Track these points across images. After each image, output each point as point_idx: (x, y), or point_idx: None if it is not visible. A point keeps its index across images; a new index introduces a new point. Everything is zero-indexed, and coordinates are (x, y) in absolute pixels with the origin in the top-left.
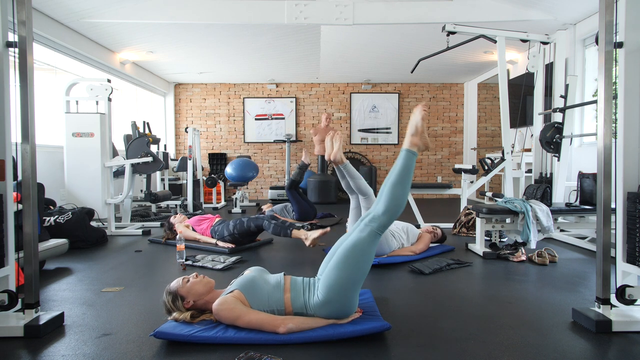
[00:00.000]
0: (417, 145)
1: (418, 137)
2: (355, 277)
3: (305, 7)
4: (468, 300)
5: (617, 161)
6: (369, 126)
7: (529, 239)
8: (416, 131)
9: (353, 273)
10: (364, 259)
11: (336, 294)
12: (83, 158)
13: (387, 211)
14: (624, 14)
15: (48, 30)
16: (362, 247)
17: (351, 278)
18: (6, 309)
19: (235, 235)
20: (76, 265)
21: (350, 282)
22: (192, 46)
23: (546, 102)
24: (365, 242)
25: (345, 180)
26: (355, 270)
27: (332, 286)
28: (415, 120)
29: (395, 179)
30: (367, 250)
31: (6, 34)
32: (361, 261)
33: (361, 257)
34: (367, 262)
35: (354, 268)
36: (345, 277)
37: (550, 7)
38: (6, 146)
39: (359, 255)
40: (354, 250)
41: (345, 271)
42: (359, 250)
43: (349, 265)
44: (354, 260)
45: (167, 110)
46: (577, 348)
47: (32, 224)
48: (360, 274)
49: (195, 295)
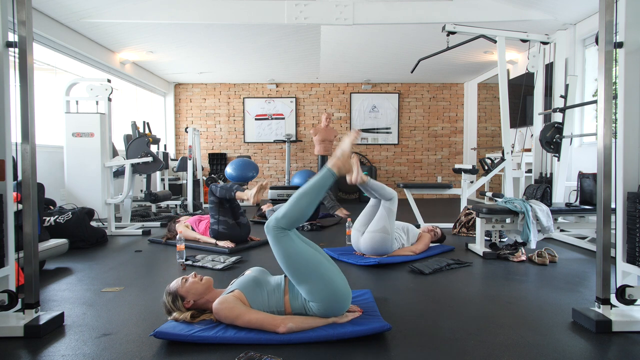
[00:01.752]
0: (338, 167)
1: (341, 162)
2: (320, 273)
3: (305, 7)
4: (468, 300)
5: (617, 161)
6: (369, 126)
7: (529, 239)
8: (342, 155)
9: (315, 273)
10: (301, 256)
11: (320, 296)
12: (83, 158)
13: (285, 215)
14: (624, 14)
15: (48, 30)
16: (289, 251)
17: (318, 277)
18: (6, 309)
19: (220, 219)
20: (76, 265)
21: (322, 281)
22: (192, 46)
23: (546, 102)
24: (285, 244)
25: (370, 192)
26: (314, 269)
27: (311, 293)
28: (344, 146)
29: (305, 189)
30: (292, 246)
31: (6, 34)
32: (308, 259)
33: (303, 257)
34: (307, 255)
35: (311, 268)
36: (314, 281)
37: (550, 7)
38: (6, 146)
39: (295, 256)
40: (290, 258)
41: (308, 278)
42: (291, 254)
43: (304, 271)
44: (302, 264)
45: (167, 110)
46: (577, 348)
47: (32, 224)
48: (321, 267)
49: (195, 295)
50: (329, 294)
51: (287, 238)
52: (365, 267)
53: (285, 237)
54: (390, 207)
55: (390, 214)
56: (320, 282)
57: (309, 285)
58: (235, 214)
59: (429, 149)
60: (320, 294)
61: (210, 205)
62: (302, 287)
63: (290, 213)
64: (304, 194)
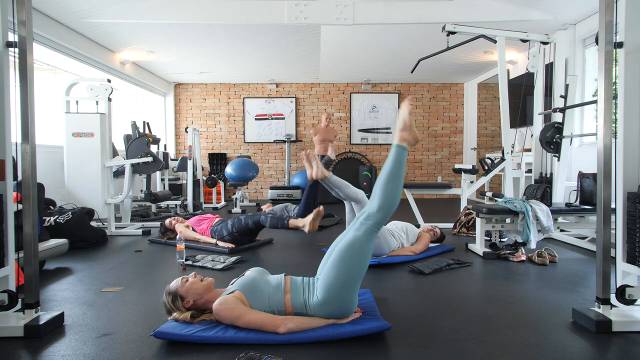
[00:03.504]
0: (406, 139)
1: (407, 132)
2: (353, 276)
3: (305, 7)
4: (468, 300)
5: (617, 161)
6: (369, 126)
7: (529, 239)
8: (404, 126)
9: (351, 272)
10: (361, 257)
11: (335, 293)
12: (83, 158)
13: (381, 208)
14: (624, 14)
15: (48, 30)
16: (359, 246)
17: (349, 277)
18: (6, 309)
19: (234, 234)
20: (76, 265)
21: (349, 281)
22: (192, 46)
23: (546, 102)
24: (362, 240)
25: (334, 191)
26: (353, 269)
27: (330, 286)
28: (403, 115)
29: (387, 175)
30: (364, 248)
31: (6, 34)
32: (358, 260)
33: (358, 256)
34: (364, 260)
35: (352, 267)
36: (343, 277)
37: (550, 7)
38: (6, 146)
39: (356, 253)
40: (351, 249)
41: (342, 270)
42: (356, 249)
43: (347, 264)
44: (351, 259)
45: (167, 110)
46: (577, 348)
47: (32, 224)
48: (358, 272)
49: (194, 295)
50: (342, 294)
51: (374, 236)
52: None
53: (373, 237)
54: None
55: None
56: (346, 280)
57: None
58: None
59: (429, 149)
60: (336, 290)
61: (242, 224)
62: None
63: (385, 203)
64: (388, 181)
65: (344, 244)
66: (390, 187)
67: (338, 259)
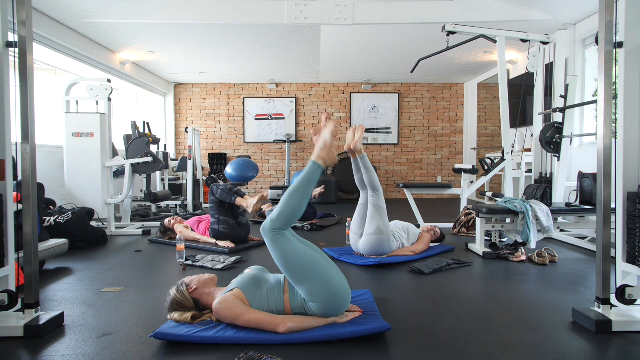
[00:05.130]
0: (323, 159)
1: (326, 152)
2: (318, 273)
3: (305, 7)
4: (468, 300)
5: (617, 161)
6: (369, 126)
7: (529, 239)
8: (325, 146)
9: (312, 272)
10: (298, 256)
11: (319, 296)
12: (83, 158)
13: (279, 216)
14: (624, 14)
15: (48, 30)
16: (286, 251)
17: (316, 277)
18: (6, 309)
19: (220, 219)
20: (76, 265)
21: (320, 281)
22: (192, 46)
23: (546, 102)
24: (282, 245)
25: (359, 173)
26: (311, 269)
27: (310, 294)
28: (325, 136)
29: (295, 187)
30: (286, 248)
31: (6, 34)
32: (305, 259)
33: (300, 257)
34: (309, 255)
35: (308, 269)
36: (312, 281)
37: (550, 7)
38: (6, 146)
39: (292, 256)
40: (287, 259)
41: (306, 278)
42: (289, 255)
43: (302, 271)
44: (300, 264)
45: (167, 110)
46: (577, 348)
47: (32, 224)
48: (318, 267)
49: (199, 282)
50: (327, 294)
51: (284, 239)
52: (365, 267)
53: (281, 237)
54: (377, 203)
55: (380, 210)
56: (318, 282)
57: (307, 285)
58: (235, 214)
59: (429, 149)
60: (319, 294)
61: (210, 204)
62: (301, 287)
63: (283, 213)
64: (294, 192)
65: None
66: (295, 200)
67: (292, 275)
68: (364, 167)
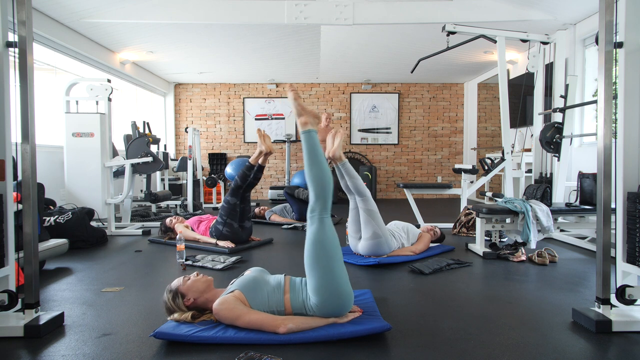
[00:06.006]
0: (307, 122)
1: (304, 116)
2: (333, 269)
3: (305, 7)
4: (468, 300)
5: (617, 161)
6: (369, 126)
7: (529, 239)
8: (298, 111)
9: (328, 266)
10: (328, 248)
11: (325, 292)
12: (83, 158)
13: (317, 195)
14: (624, 14)
15: (48, 30)
16: (318, 238)
17: (329, 272)
18: (6, 309)
19: (227, 222)
20: (76, 265)
21: (331, 276)
22: (192, 46)
23: (546, 102)
24: (319, 231)
25: (343, 180)
26: (328, 262)
27: (317, 288)
28: (292, 104)
29: (307, 163)
30: (324, 237)
31: (6, 34)
32: (328, 252)
33: (325, 248)
34: (333, 249)
35: (326, 261)
36: (324, 274)
37: (550, 7)
38: (6, 146)
39: (322, 247)
40: (315, 246)
41: (319, 269)
42: (319, 243)
43: (319, 261)
44: (321, 254)
45: (167, 110)
46: (577, 348)
47: (32, 224)
48: (335, 263)
49: (195, 293)
50: (334, 291)
51: (329, 221)
52: (365, 267)
53: (327, 219)
54: (368, 208)
55: (372, 214)
56: (330, 276)
57: (319, 277)
58: (243, 218)
59: (429, 149)
60: (326, 290)
61: (223, 204)
62: (312, 277)
63: (317, 190)
64: (309, 167)
65: (308, 245)
66: (315, 172)
67: (310, 261)
68: (346, 174)
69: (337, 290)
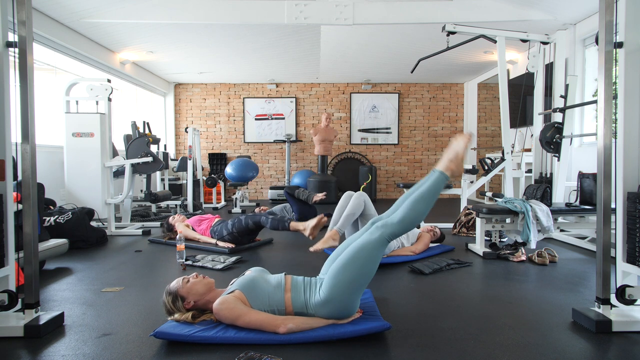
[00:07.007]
0: (451, 170)
1: (455, 164)
2: (360, 278)
3: (305, 7)
4: (468, 300)
5: (617, 161)
6: (369, 126)
7: (529, 239)
8: (455, 158)
9: (358, 274)
10: (370, 261)
11: (339, 293)
12: (83, 158)
13: (402, 221)
14: (624, 14)
15: (48, 30)
16: (369, 250)
17: (356, 279)
18: (6, 309)
19: (234, 234)
20: (76, 265)
21: (355, 283)
22: (192, 46)
23: (546, 102)
24: (374, 245)
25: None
26: (361, 271)
27: (335, 285)
28: (457, 148)
29: (422, 194)
30: (374, 253)
31: (6, 34)
32: (367, 263)
33: (368, 260)
34: (373, 265)
35: (360, 269)
36: (350, 278)
37: (550, 7)
38: (6, 146)
39: (366, 257)
40: (361, 252)
41: (350, 271)
42: (366, 252)
43: (355, 266)
44: (361, 261)
45: (167, 110)
46: (577, 348)
47: (32, 224)
48: (365, 276)
49: (195, 295)
50: (344, 298)
51: (384, 247)
52: None
53: (385, 245)
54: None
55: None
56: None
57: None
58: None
59: (429, 149)
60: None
61: (241, 223)
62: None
63: (407, 217)
64: (419, 199)
65: (355, 246)
66: (420, 207)
67: (347, 260)
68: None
69: (350, 295)
